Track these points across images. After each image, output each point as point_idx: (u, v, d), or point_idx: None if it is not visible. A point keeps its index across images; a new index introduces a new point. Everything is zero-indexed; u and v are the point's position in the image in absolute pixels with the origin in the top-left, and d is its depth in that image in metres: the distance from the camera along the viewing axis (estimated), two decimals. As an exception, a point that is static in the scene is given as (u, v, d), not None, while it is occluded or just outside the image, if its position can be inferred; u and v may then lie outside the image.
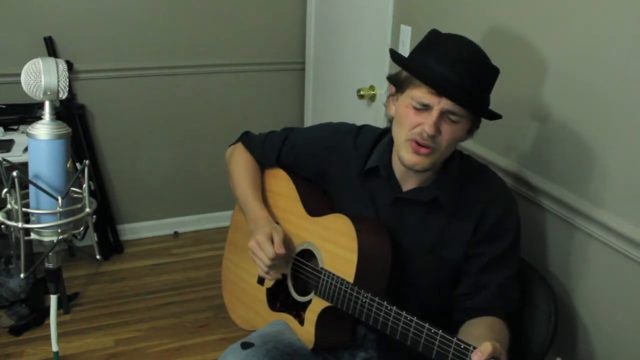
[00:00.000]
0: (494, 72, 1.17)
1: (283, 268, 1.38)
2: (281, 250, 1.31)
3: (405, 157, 1.19)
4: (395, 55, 1.21)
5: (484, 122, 1.22)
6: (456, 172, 1.27)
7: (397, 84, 1.21)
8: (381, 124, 2.07)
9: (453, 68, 1.10)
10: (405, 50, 1.97)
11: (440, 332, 1.06)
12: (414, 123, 1.16)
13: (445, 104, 1.12)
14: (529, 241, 1.46)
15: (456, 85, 1.10)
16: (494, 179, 1.30)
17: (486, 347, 0.97)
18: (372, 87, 2.16)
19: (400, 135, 1.20)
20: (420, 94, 1.13)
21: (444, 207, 1.25)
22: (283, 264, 1.37)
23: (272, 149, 1.50)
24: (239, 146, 1.57)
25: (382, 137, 1.35)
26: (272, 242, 1.32)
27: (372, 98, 2.17)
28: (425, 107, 1.14)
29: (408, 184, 1.29)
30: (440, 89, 1.11)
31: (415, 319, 1.10)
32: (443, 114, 1.13)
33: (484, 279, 1.25)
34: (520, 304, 1.29)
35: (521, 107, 1.47)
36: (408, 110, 1.17)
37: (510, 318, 1.25)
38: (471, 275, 1.26)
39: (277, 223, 1.47)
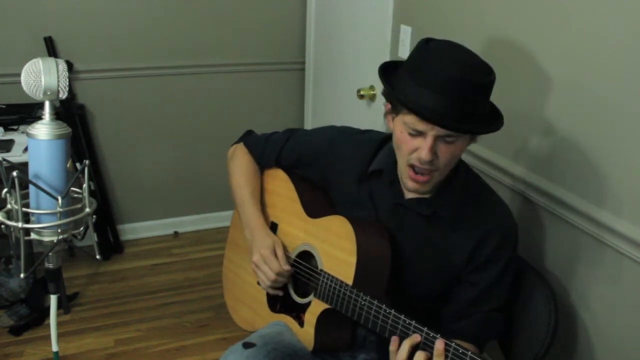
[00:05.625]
0: (487, 84, 1.13)
1: (285, 280, 1.39)
2: (286, 266, 1.34)
3: (407, 184, 1.22)
4: (383, 80, 1.18)
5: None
6: (460, 188, 1.25)
7: (392, 104, 1.19)
8: (381, 124, 2.06)
9: (441, 94, 1.08)
10: (405, 51, 1.97)
11: (438, 336, 1.06)
12: (411, 148, 1.15)
13: (437, 131, 1.11)
14: (529, 241, 1.46)
15: (445, 114, 1.08)
16: (497, 204, 1.28)
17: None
18: (372, 87, 2.16)
19: (401, 160, 1.20)
20: (412, 121, 1.12)
21: (443, 222, 1.25)
22: (285, 277, 1.37)
23: (273, 150, 1.50)
24: (240, 146, 1.57)
25: (385, 142, 1.34)
26: (276, 256, 1.35)
27: (372, 98, 2.17)
28: (420, 133, 1.13)
29: (411, 192, 1.28)
30: (429, 120, 1.09)
31: (414, 322, 1.10)
32: (438, 138, 1.12)
33: (469, 309, 1.25)
34: (501, 334, 1.32)
35: (524, 111, 1.47)
36: (404, 135, 1.16)
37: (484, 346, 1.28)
38: (459, 302, 1.26)
39: (276, 223, 1.47)
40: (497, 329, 1.28)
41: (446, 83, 1.08)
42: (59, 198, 1.15)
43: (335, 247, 1.29)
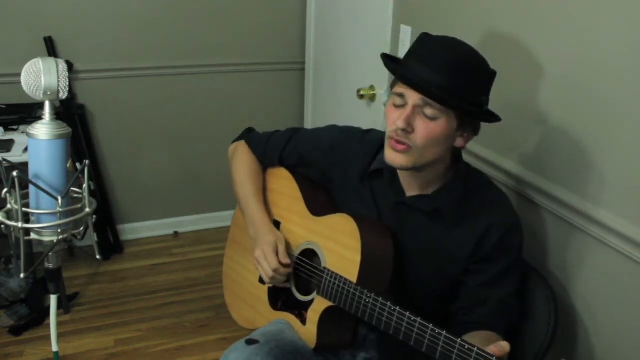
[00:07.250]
0: (480, 72, 1.16)
1: (287, 276, 1.39)
2: (285, 260, 1.34)
3: (386, 155, 1.21)
4: (384, 58, 1.23)
5: (487, 124, 1.21)
6: (461, 184, 1.26)
7: (392, 85, 1.23)
8: (381, 124, 2.07)
9: (429, 66, 1.12)
10: (405, 51, 1.97)
11: (444, 332, 1.06)
12: (393, 120, 1.17)
13: (415, 97, 1.13)
14: (529, 241, 1.46)
15: (426, 80, 1.11)
16: (499, 197, 1.28)
17: (507, 345, 0.99)
18: (372, 87, 2.16)
19: (386, 134, 1.22)
20: (398, 88, 1.17)
21: (445, 218, 1.25)
22: (284, 273, 1.37)
23: (276, 149, 1.50)
24: (242, 144, 1.57)
25: None
26: (277, 252, 1.35)
27: (372, 98, 2.17)
28: (404, 105, 1.15)
29: (411, 189, 1.28)
30: (408, 82, 1.13)
31: (419, 319, 1.10)
32: (418, 110, 1.14)
33: (483, 294, 1.24)
34: (519, 321, 1.29)
35: (522, 109, 1.47)
36: (390, 108, 1.19)
37: (508, 334, 1.24)
38: (470, 289, 1.25)
39: (279, 222, 1.47)
40: (514, 314, 1.27)
41: (439, 59, 1.12)
42: (59, 198, 1.15)
43: (340, 245, 1.29)
